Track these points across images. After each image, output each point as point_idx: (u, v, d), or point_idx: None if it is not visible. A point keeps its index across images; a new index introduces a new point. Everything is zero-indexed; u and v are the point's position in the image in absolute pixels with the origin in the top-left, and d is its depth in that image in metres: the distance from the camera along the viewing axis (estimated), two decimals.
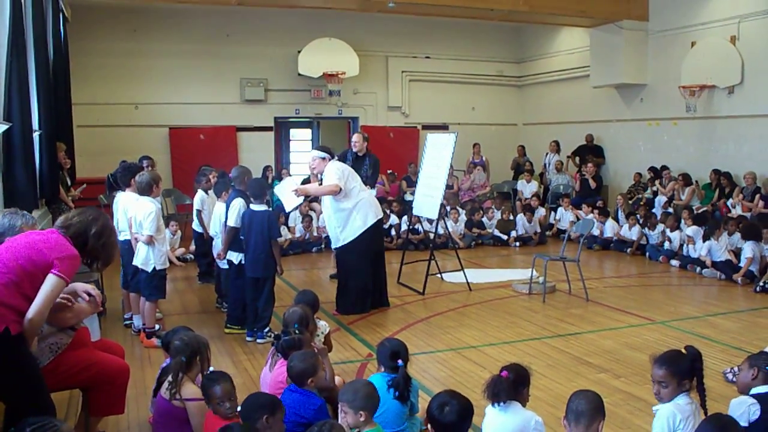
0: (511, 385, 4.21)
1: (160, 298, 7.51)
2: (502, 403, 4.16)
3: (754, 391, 4.31)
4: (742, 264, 10.53)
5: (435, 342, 7.56)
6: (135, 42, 15.82)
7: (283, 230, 12.67)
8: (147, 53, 15.96)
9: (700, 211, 12.94)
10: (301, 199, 8.94)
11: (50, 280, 3.73)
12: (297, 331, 5.21)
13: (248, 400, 4.17)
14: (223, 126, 16.82)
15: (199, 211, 9.69)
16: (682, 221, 12.36)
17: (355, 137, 10.38)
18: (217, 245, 8.36)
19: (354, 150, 10.17)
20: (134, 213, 7.20)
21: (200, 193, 9.76)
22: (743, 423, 4.02)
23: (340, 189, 8.37)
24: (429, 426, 3.99)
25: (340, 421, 4.21)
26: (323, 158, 8.54)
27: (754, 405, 4.15)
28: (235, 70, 16.78)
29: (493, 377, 4.23)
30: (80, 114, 14.54)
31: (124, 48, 15.70)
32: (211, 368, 4.60)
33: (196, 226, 9.83)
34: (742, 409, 4.13)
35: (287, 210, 9.31)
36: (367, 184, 9.40)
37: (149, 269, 7.19)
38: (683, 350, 4.23)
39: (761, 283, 9.92)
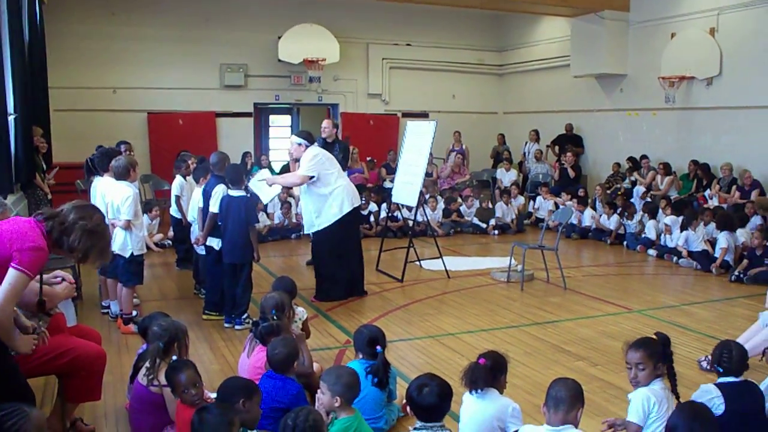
0: (489, 373, 4.24)
1: (138, 283, 7.47)
2: (479, 391, 4.18)
3: (719, 380, 4.36)
4: (716, 254, 10.61)
5: (413, 329, 7.57)
6: (113, 26, 15.65)
7: (262, 216, 12.64)
8: (125, 37, 15.79)
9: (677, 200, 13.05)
10: (277, 189, 8.90)
11: (10, 275, 3.51)
12: (275, 317, 5.21)
13: (225, 383, 4.17)
14: (202, 111, 16.72)
15: (177, 197, 9.62)
16: (660, 211, 12.44)
17: (326, 123, 10.23)
18: (195, 231, 8.31)
19: (323, 136, 10.03)
20: (111, 198, 7.13)
21: (179, 178, 9.69)
22: None
23: (310, 178, 8.35)
24: (408, 409, 3.99)
25: (316, 402, 4.23)
26: (300, 144, 8.49)
27: (719, 398, 4.20)
28: (215, 55, 16.66)
29: (471, 364, 4.25)
30: (57, 98, 14.39)
31: (102, 31, 15.53)
32: (174, 357, 4.57)
33: (174, 211, 9.77)
34: (705, 400, 4.17)
35: (264, 202, 9.27)
36: None
37: (127, 255, 7.14)
38: (653, 336, 4.33)
39: (736, 273, 10.01)
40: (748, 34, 13.13)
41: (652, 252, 11.92)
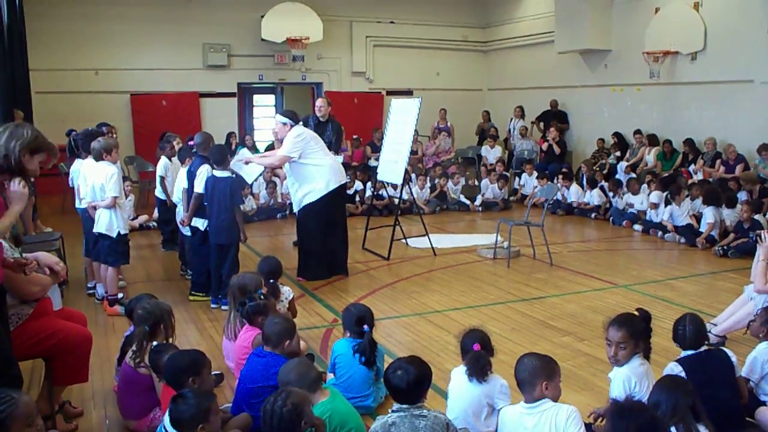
0: (487, 357, 4.28)
1: (125, 263, 7.45)
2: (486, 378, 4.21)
3: (681, 355, 4.41)
4: (702, 229, 10.66)
5: (400, 307, 7.58)
6: (94, 5, 15.51)
7: (248, 199, 12.59)
8: (107, 17, 15.65)
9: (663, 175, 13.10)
10: (260, 169, 8.88)
11: None
12: (262, 296, 5.21)
13: (168, 364, 4.12)
14: (185, 92, 16.63)
15: (162, 178, 9.58)
16: (645, 186, 12.51)
17: (320, 102, 10.25)
18: (180, 212, 8.28)
19: (318, 115, 10.04)
20: (93, 180, 7.07)
21: (164, 159, 9.64)
22: None
23: (291, 158, 8.34)
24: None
25: None
26: (285, 124, 8.46)
27: (677, 367, 4.26)
28: (198, 35, 16.55)
29: (474, 354, 4.24)
30: (38, 80, 14.26)
31: (83, 12, 15.38)
32: (156, 342, 4.56)
33: (159, 193, 9.73)
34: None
35: (249, 182, 9.24)
36: (331, 150, 9.34)
37: (114, 234, 7.09)
38: (635, 313, 4.37)
39: (723, 246, 10.07)
40: (732, 9, 13.14)
41: (637, 227, 11.96)
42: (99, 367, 5.55)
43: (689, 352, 4.40)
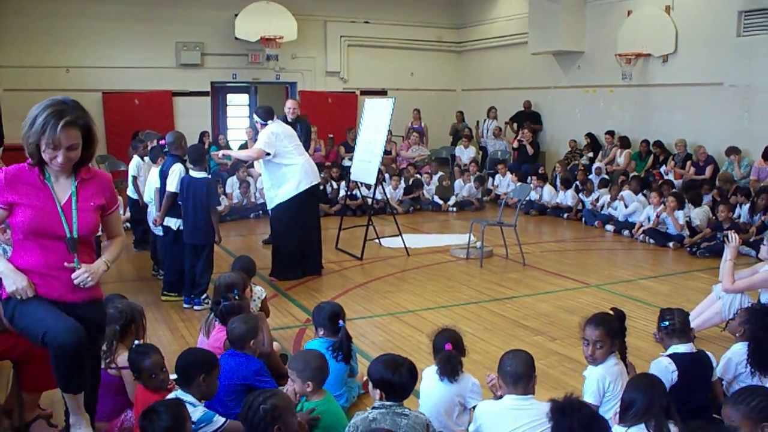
0: (458, 356, 4.31)
1: None
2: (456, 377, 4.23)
3: (671, 349, 4.45)
4: (671, 230, 10.79)
5: (373, 307, 7.59)
6: (65, 2, 15.33)
7: (222, 199, 12.53)
8: (78, 14, 15.46)
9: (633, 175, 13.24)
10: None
11: None
12: (236, 297, 5.19)
13: (184, 356, 4.13)
14: (158, 91, 16.48)
15: (134, 178, 9.52)
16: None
17: (293, 104, 10.22)
18: (152, 212, 8.23)
19: (289, 117, 10.01)
20: None
21: (136, 159, 9.59)
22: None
23: (267, 154, 8.34)
24: (370, 387, 3.98)
25: (287, 388, 4.22)
26: (263, 124, 8.51)
27: (671, 365, 4.29)
28: (171, 33, 16.40)
29: (445, 354, 4.26)
30: (7, 77, 14.11)
31: (53, 8, 15.19)
32: (136, 342, 4.54)
33: (131, 192, 9.67)
34: (661, 372, 4.26)
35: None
36: None
37: None
38: (610, 312, 4.42)
39: (697, 243, 10.21)
40: (703, 12, 13.27)
41: (609, 227, 12.05)
42: None
43: (678, 348, 4.43)
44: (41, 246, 3.66)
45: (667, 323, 4.48)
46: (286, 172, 8.41)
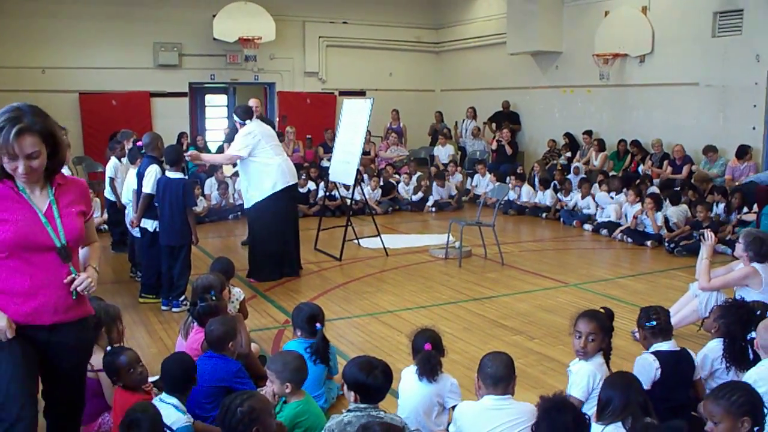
0: (437, 356, 4.32)
1: None
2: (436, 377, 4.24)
3: (654, 347, 4.48)
4: (648, 229, 10.87)
5: (352, 307, 7.58)
6: (41, 2, 15.20)
7: (200, 200, 12.47)
8: (54, 14, 15.34)
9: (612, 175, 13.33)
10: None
11: None
12: (213, 298, 5.17)
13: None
14: (136, 91, 16.39)
15: (111, 179, 9.46)
16: (596, 185, 12.72)
17: (254, 102, 10.08)
18: (130, 213, 8.18)
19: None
20: None
21: (113, 160, 9.52)
22: (647, 383, 4.19)
23: (240, 157, 8.36)
24: (345, 389, 3.97)
25: (266, 389, 4.21)
26: (242, 124, 8.50)
27: (656, 362, 4.32)
28: (148, 33, 16.31)
29: (424, 354, 4.27)
30: None
31: (29, 8, 15.06)
32: (109, 347, 4.51)
33: (108, 194, 9.60)
34: (646, 369, 4.29)
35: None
36: None
37: None
38: (601, 310, 4.50)
39: (670, 245, 10.28)
40: (679, 13, 13.39)
41: (587, 227, 12.11)
42: None
43: (662, 346, 4.46)
44: (27, 263, 3.28)
45: (654, 323, 4.51)
46: (261, 171, 8.38)
